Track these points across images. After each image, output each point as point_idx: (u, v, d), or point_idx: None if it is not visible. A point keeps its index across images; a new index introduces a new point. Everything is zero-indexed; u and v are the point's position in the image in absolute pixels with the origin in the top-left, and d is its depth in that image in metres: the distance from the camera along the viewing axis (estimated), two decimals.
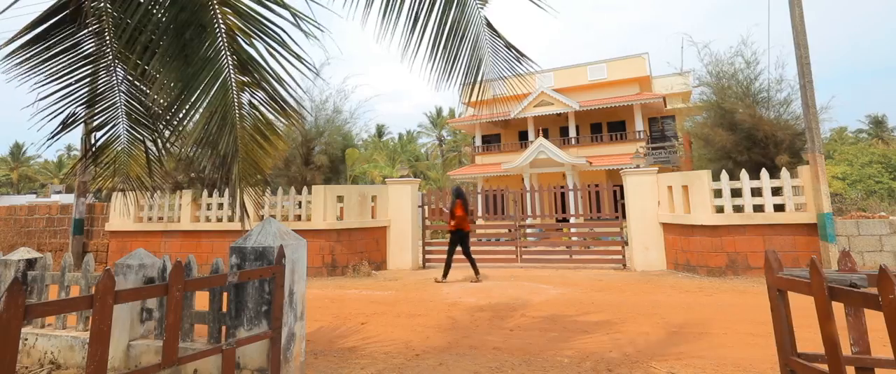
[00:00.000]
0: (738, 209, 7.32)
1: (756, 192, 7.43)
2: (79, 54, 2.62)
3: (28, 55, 2.44)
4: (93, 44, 2.64)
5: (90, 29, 2.56)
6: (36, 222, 11.44)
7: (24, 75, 2.48)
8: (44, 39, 2.45)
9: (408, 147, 44.62)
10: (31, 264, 3.77)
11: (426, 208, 9.83)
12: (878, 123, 44.69)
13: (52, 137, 2.63)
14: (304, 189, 8.77)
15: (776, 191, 7.46)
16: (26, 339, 3.54)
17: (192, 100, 2.55)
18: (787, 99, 8.24)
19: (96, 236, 10.67)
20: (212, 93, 2.57)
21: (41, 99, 2.53)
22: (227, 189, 3.03)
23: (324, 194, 8.54)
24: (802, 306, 2.40)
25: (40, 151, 49.31)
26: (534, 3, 2.35)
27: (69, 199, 18.20)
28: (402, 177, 9.59)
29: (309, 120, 10.99)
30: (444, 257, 9.34)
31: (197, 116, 2.63)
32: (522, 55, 2.63)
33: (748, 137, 8.14)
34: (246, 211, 3.08)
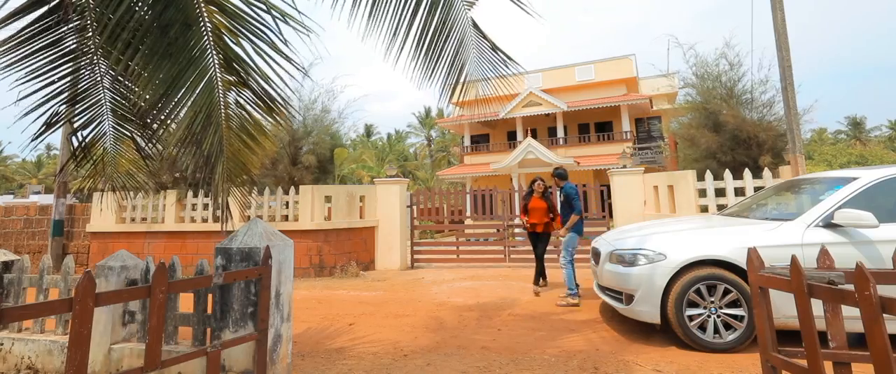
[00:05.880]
0: (723, 208, 7.44)
1: (739, 191, 7.57)
2: (61, 51, 2.54)
3: (5, 49, 2.37)
4: (75, 40, 2.57)
5: (72, 25, 2.50)
6: (13, 224, 11.13)
7: (1, 73, 2.41)
8: (22, 35, 2.38)
9: (396, 147, 44.53)
10: (7, 266, 3.67)
11: (415, 208, 9.81)
12: (856, 125, 45.97)
13: (37, 137, 2.56)
14: (292, 189, 8.68)
15: (759, 190, 7.61)
16: (2, 343, 3.44)
17: (177, 98, 2.51)
18: (769, 101, 8.42)
19: (77, 238, 10.43)
20: (197, 92, 2.53)
21: (21, 99, 2.46)
22: (210, 189, 2.98)
23: (311, 193, 8.46)
24: None
25: (25, 153, 48.01)
26: (516, 4, 2.36)
27: (48, 200, 17.78)
28: (390, 177, 9.54)
29: (297, 119, 10.90)
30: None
31: (181, 114, 2.59)
32: (509, 58, 2.64)
33: (732, 137, 8.29)
34: (229, 212, 3.04)
